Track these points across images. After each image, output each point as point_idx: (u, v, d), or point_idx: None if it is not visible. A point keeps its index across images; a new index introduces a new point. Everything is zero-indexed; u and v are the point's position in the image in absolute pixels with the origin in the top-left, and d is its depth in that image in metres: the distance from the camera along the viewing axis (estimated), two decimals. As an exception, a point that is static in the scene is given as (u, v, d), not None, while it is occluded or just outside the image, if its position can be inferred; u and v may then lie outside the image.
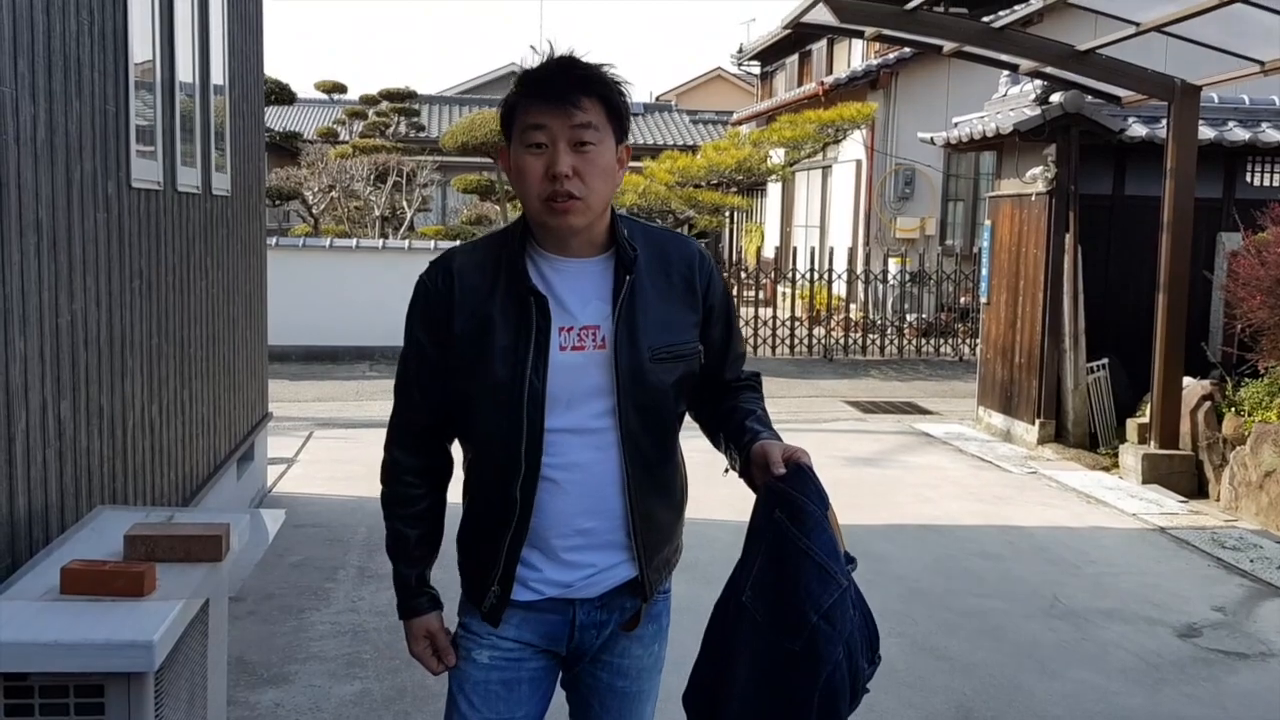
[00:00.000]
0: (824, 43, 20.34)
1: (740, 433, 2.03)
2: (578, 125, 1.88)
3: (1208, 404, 7.65)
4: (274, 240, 11.40)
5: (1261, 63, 7.36)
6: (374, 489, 2.16)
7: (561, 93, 1.88)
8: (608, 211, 1.99)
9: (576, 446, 1.96)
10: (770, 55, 23.94)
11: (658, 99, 33.05)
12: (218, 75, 5.32)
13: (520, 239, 2.00)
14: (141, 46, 3.98)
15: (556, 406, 1.94)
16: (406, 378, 2.07)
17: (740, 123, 22.73)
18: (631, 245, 2.00)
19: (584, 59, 1.94)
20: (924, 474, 8.03)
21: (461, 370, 1.98)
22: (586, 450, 1.97)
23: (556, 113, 1.88)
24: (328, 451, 8.17)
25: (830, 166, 18.31)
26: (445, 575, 2.15)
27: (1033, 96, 8.98)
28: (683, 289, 2.04)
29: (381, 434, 2.14)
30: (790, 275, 14.67)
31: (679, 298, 2.04)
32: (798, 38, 19.90)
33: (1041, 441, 8.77)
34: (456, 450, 2.11)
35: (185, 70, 4.65)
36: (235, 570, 2.94)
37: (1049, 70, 8.31)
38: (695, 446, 2.25)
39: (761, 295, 16.71)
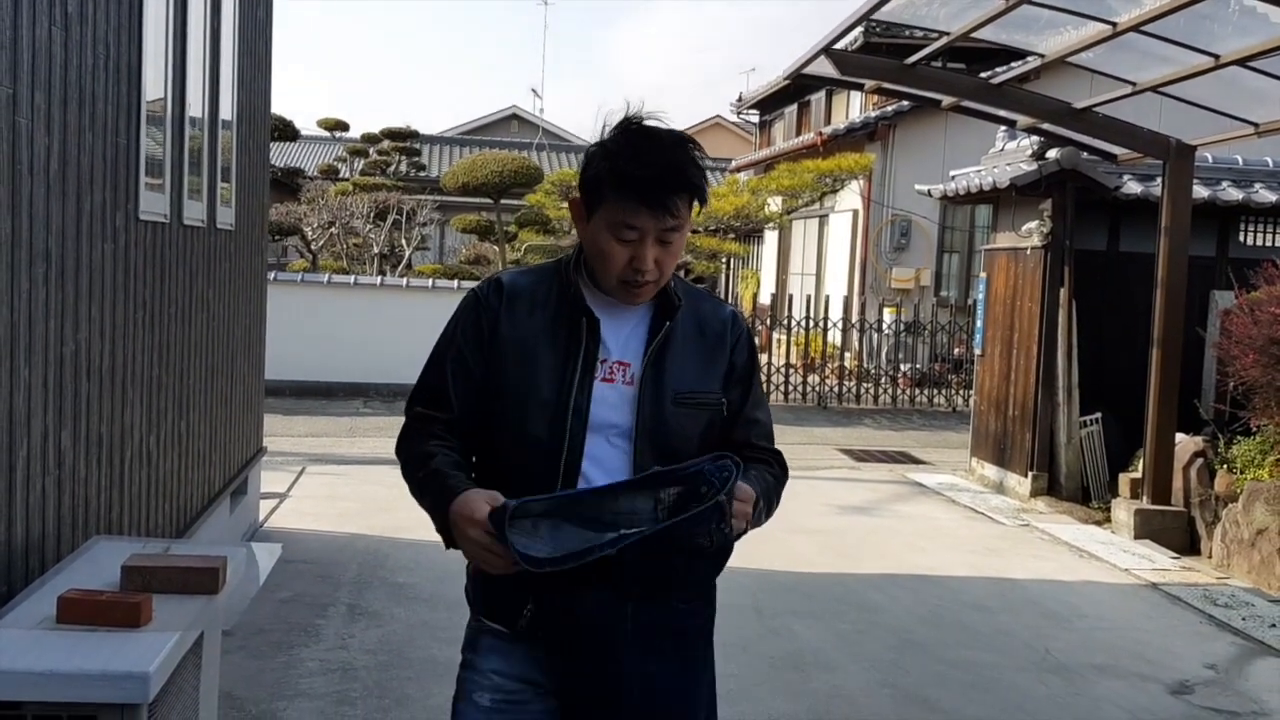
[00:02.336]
0: (823, 93, 20.55)
1: None
2: (668, 228, 1.97)
3: (1200, 461, 7.68)
4: (272, 275, 11.41)
5: (1255, 124, 7.47)
6: (366, 525, 2.18)
7: (662, 203, 1.94)
8: None
9: (593, 472, 2.00)
10: (769, 104, 24.18)
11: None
12: (226, 111, 5.38)
13: (576, 270, 2.07)
14: (154, 81, 4.03)
15: (592, 432, 2.00)
16: (441, 381, 2.07)
17: (739, 170, 22.92)
18: (678, 296, 2.08)
19: (684, 150, 1.97)
20: (916, 524, 8.03)
21: (507, 385, 2.02)
22: (603, 478, 1.99)
23: (652, 217, 1.95)
24: (320, 487, 8.15)
25: (827, 215, 18.45)
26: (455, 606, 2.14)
27: (1029, 152, 9.08)
28: (714, 343, 2.12)
29: (374, 470, 2.16)
30: (786, 323, 14.74)
31: (709, 351, 2.11)
32: (797, 88, 20.10)
33: (1034, 494, 8.78)
34: None
35: (196, 105, 4.71)
36: (230, 604, 2.94)
37: (1046, 126, 8.42)
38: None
39: (757, 342, 16.77)
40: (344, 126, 27.74)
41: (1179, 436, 7.91)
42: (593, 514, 1.85)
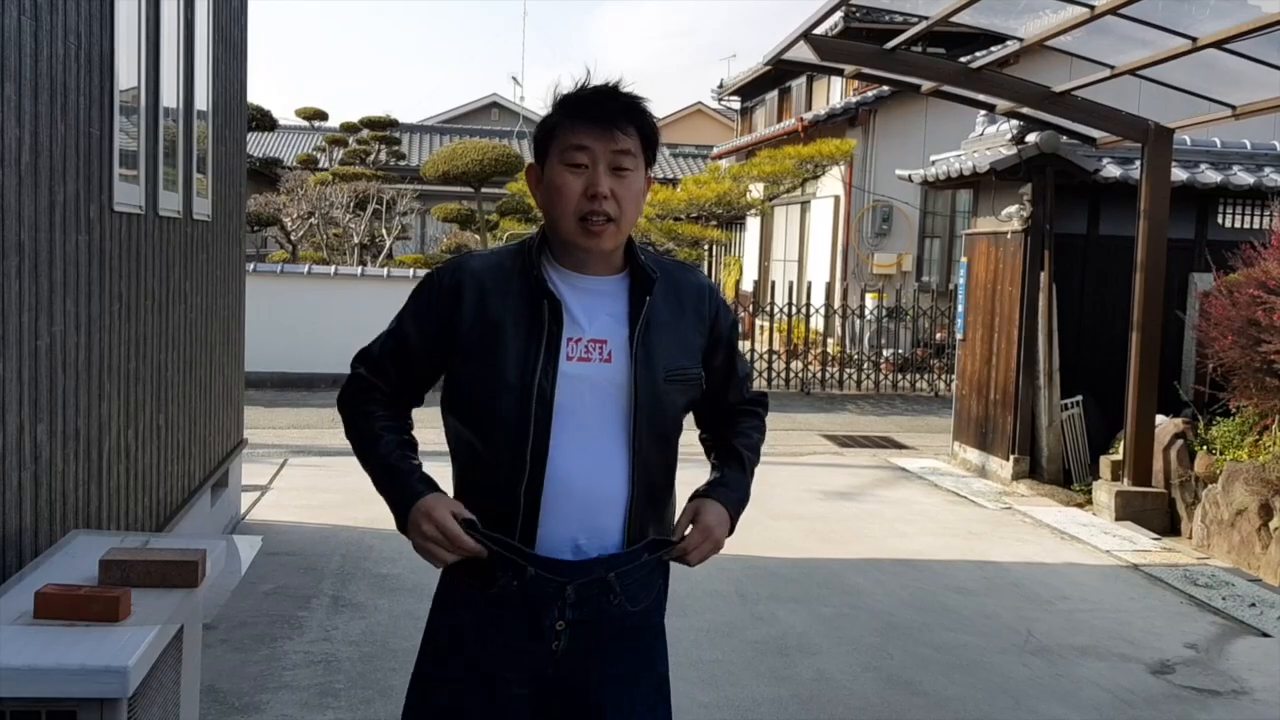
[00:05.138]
0: (804, 79, 20.55)
1: (714, 464, 2.24)
2: (618, 150, 1.98)
3: (1180, 442, 7.72)
4: (252, 266, 11.37)
5: (1233, 106, 7.50)
6: (348, 517, 2.18)
7: (607, 118, 1.97)
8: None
9: (578, 460, 1.98)
10: (750, 91, 24.15)
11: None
12: (201, 101, 5.33)
13: (537, 251, 2.06)
14: (127, 71, 3.99)
15: (562, 414, 1.98)
16: (382, 357, 2.12)
17: (720, 157, 22.90)
18: (652, 269, 2.07)
19: (625, 88, 2.03)
20: (899, 508, 8.06)
21: (472, 369, 2.01)
22: (587, 464, 1.99)
23: (600, 136, 1.96)
24: (302, 479, 8.12)
25: (809, 202, 18.45)
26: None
27: (1009, 136, 9.10)
28: (692, 316, 2.12)
29: (356, 462, 2.14)
30: (768, 309, 14.74)
31: (689, 324, 2.11)
32: (778, 74, 20.09)
33: (1016, 477, 8.82)
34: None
35: (170, 95, 4.66)
36: (211, 597, 2.93)
37: (1025, 110, 8.43)
38: (679, 479, 2.26)
39: (739, 329, 16.78)
40: (323, 116, 27.56)
41: (1159, 418, 7.96)
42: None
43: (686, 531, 2.07)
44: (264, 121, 21.64)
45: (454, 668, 2.04)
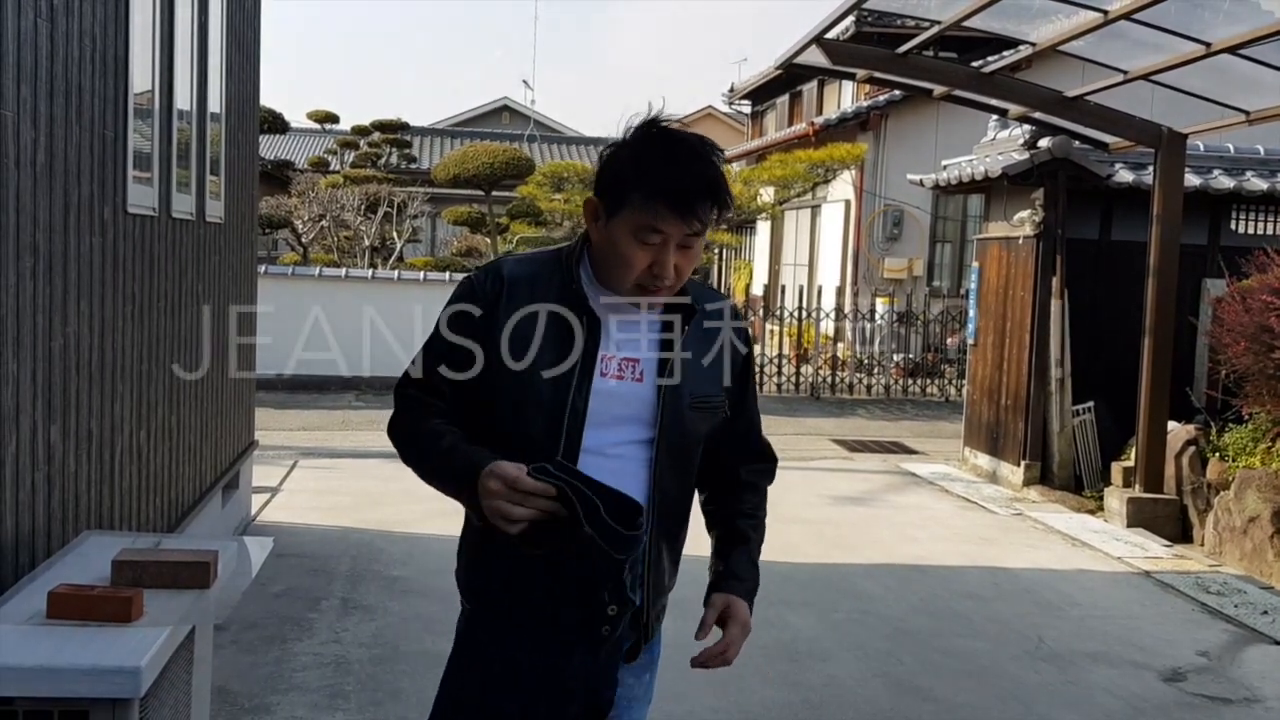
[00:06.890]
0: (815, 83, 20.54)
1: (719, 546, 2.25)
2: (693, 233, 1.94)
3: (1192, 449, 7.69)
4: (263, 268, 11.40)
5: (1246, 112, 7.48)
6: (359, 519, 2.17)
7: (689, 206, 1.91)
8: None
9: (594, 468, 1.96)
10: (761, 95, 24.16)
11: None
12: (215, 103, 5.35)
13: (577, 262, 2.04)
14: (141, 73, 4.01)
15: (589, 427, 1.98)
16: (431, 372, 2.04)
17: (730, 160, 22.87)
18: (695, 302, 2.06)
19: (713, 159, 1.96)
20: (910, 514, 8.04)
21: (504, 379, 1.98)
22: (604, 474, 1.96)
23: (678, 221, 1.92)
24: (312, 481, 8.13)
25: (819, 206, 18.43)
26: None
27: (1021, 141, 9.07)
28: (719, 343, 2.12)
29: (367, 464, 2.15)
30: (778, 313, 14.73)
31: (716, 351, 2.11)
32: (789, 78, 20.10)
33: (1027, 483, 8.79)
34: None
35: (183, 97, 4.68)
36: (222, 598, 2.93)
37: (1037, 115, 8.41)
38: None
39: (749, 333, 16.76)
40: (334, 119, 27.61)
41: (1171, 424, 7.93)
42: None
43: (711, 628, 2.18)
44: (276, 124, 21.72)
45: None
